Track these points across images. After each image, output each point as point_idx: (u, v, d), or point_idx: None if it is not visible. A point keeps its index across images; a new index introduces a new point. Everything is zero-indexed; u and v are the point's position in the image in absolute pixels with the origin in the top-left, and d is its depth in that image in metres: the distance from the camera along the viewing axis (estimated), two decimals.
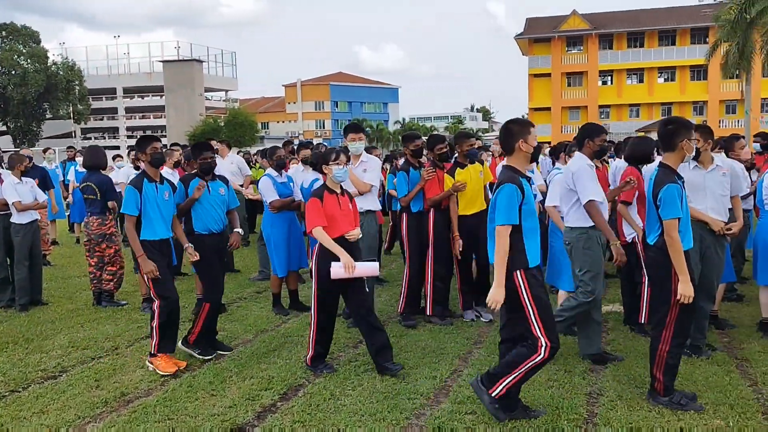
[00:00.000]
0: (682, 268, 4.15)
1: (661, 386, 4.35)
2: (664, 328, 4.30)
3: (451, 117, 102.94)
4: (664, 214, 4.16)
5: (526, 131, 4.07)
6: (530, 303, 4.00)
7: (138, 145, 5.65)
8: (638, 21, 51.81)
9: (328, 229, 5.00)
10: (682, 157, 4.32)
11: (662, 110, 51.29)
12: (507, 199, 3.94)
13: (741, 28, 28.34)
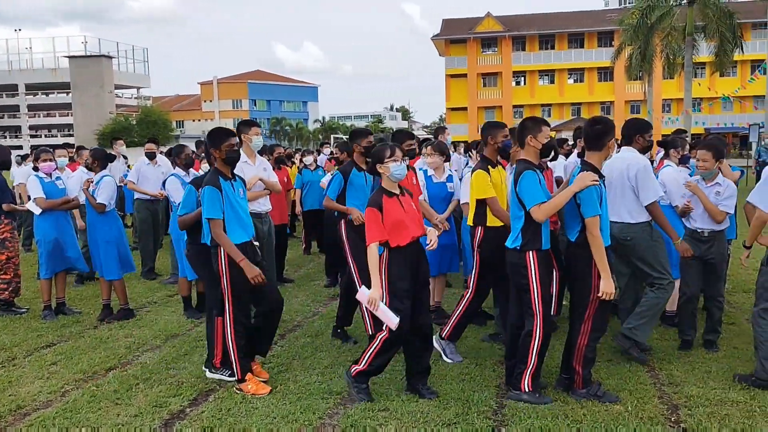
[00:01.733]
0: (603, 265, 4.25)
1: (580, 379, 4.46)
2: (583, 322, 4.41)
3: (372, 116, 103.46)
4: (585, 212, 4.24)
5: (537, 128, 4.44)
6: (536, 283, 4.35)
7: (211, 140, 4.75)
8: (549, 24, 53.69)
9: (396, 237, 4.36)
10: (606, 156, 4.46)
11: (572, 110, 53.40)
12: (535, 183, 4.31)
13: (642, 33, 29.82)
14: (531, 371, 4.43)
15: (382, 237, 4.34)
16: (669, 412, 4.25)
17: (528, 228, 4.36)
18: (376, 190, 4.56)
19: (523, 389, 4.43)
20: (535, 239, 4.36)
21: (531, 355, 4.42)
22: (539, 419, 4.14)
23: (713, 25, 28.08)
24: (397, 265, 4.38)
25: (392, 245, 4.39)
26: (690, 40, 29.27)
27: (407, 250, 4.40)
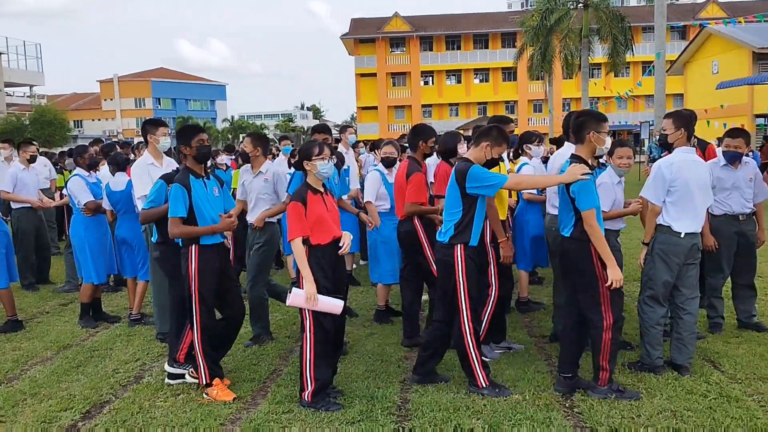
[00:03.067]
0: (607, 255, 4.22)
1: (607, 375, 4.36)
2: (603, 318, 4.29)
3: (282, 115, 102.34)
4: (582, 206, 4.20)
5: None
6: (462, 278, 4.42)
7: (181, 137, 4.61)
8: (455, 25, 54.85)
9: (318, 234, 4.33)
10: (592, 149, 4.36)
11: (479, 109, 54.81)
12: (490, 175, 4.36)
13: (542, 34, 31.07)
14: (479, 366, 4.47)
15: (304, 232, 4.28)
16: (564, 398, 4.42)
17: (461, 222, 4.42)
18: (300, 184, 4.50)
19: (480, 385, 4.47)
20: (465, 233, 4.43)
21: (469, 350, 4.46)
22: (441, 412, 4.21)
23: (606, 28, 29.63)
24: (317, 263, 4.33)
25: (313, 243, 4.33)
26: (586, 41, 30.75)
27: (327, 249, 4.36)
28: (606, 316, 4.31)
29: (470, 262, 4.46)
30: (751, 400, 4.26)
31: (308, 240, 4.32)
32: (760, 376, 4.69)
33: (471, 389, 4.51)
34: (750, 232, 5.69)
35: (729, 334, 5.68)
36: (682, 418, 4.02)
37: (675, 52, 39.70)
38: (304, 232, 4.28)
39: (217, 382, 4.60)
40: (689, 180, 4.72)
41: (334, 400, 4.36)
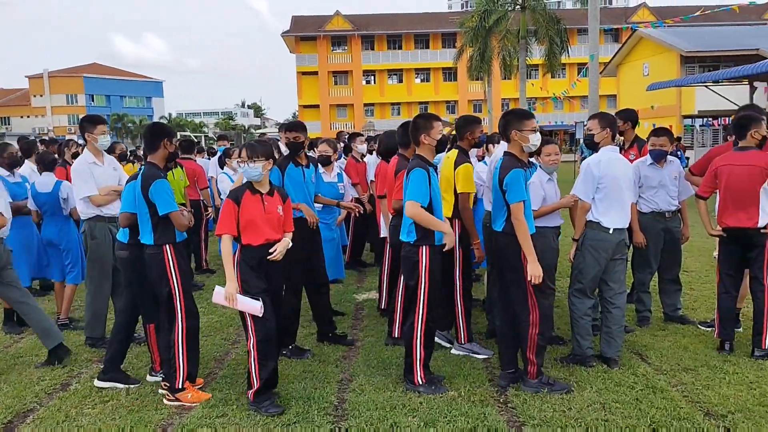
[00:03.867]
0: (529, 250, 4.31)
1: (534, 369, 4.47)
2: (530, 312, 4.41)
3: (222, 113, 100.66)
4: (511, 198, 4.31)
5: (429, 125, 4.53)
6: (425, 278, 4.45)
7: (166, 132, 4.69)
8: (396, 24, 55.14)
9: (248, 235, 4.26)
10: (520, 146, 4.47)
11: (420, 108, 55.13)
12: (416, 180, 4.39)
13: (481, 35, 31.54)
14: (420, 364, 4.51)
15: (230, 231, 4.24)
16: (498, 393, 4.49)
17: None
18: (243, 183, 4.43)
19: (417, 382, 4.51)
20: (428, 234, 4.46)
21: (415, 347, 4.50)
22: (378, 411, 4.21)
23: (543, 30, 30.31)
24: (246, 263, 4.29)
25: (243, 243, 4.29)
26: (523, 43, 31.36)
27: (259, 251, 4.28)
28: (533, 311, 4.42)
29: (434, 262, 4.49)
30: (675, 391, 4.43)
31: (239, 239, 4.30)
32: (683, 366, 4.88)
33: (407, 386, 4.54)
34: (675, 229, 5.92)
35: (656, 327, 5.90)
36: (611, 410, 4.14)
37: (608, 55, 41.01)
38: (231, 231, 4.25)
39: (188, 385, 4.51)
40: (616, 177, 4.87)
41: (272, 405, 4.26)
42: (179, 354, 4.47)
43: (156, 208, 4.42)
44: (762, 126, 5.10)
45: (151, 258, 4.49)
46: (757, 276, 5.07)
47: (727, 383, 4.52)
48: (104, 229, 5.67)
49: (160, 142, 4.60)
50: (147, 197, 4.43)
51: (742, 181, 5.03)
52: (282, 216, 4.41)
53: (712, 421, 3.96)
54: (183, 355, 4.48)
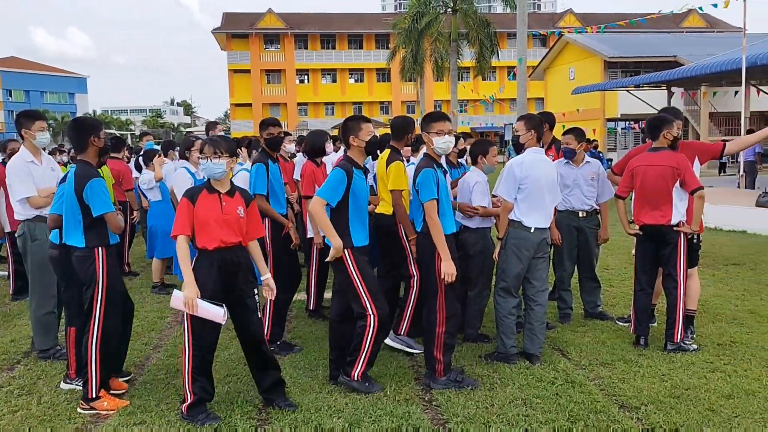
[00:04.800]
0: (443, 248, 4.37)
1: (441, 367, 4.54)
2: (437, 311, 4.49)
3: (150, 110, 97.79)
4: (422, 197, 4.41)
5: (358, 127, 4.50)
6: (357, 278, 4.39)
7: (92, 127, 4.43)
8: (330, 24, 55.01)
9: (202, 237, 4.01)
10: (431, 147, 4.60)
11: (354, 109, 55.31)
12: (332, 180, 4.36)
13: (414, 37, 31.84)
14: (365, 360, 4.48)
15: (185, 231, 4.00)
16: (423, 392, 4.52)
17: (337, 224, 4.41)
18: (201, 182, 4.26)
19: (353, 377, 4.48)
20: (345, 237, 4.41)
21: (364, 345, 4.46)
22: (302, 413, 4.16)
23: (474, 33, 30.88)
24: (201, 267, 4.04)
25: (198, 245, 4.07)
26: (455, 45, 31.85)
27: (215, 255, 4.04)
28: (440, 311, 4.50)
29: (362, 262, 4.44)
30: (593, 384, 4.58)
31: (194, 242, 4.08)
32: (601, 361, 5.04)
33: (342, 378, 4.55)
34: (589, 229, 6.11)
35: (576, 324, 6.08)
36: (531, 405, 4.23)
37: (537, 59, 42.13)
38: (185, 231, 4.00)
39: (104, 393, 4.31)
40: (538, 178, 5.00)
41: (206, 415, 4.08)
42: (92, 361, 4.24)
43: (89, 210, 4.20)
44: (674, 128, 5.33)
45: (80, 261, 4.28)
46: (671, 273, 5.29)
47: (641, 376, 4.70)
48: (46, 229, 5.12)
49: (87, 139, 4.37)
50: (81, 198, 4.21)
51: (656, 180, 5.23)
52: (243, 218, 4.13)
53: (627, 413, 4.10)
54: (96, 363, 4.24)
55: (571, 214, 6.02)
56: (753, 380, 4.55)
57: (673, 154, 5.27)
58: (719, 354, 5.12)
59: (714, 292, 7.07)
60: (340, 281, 4.60)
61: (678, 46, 33.13)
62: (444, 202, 4.55)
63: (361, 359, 4.49)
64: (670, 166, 5.20)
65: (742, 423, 3.90)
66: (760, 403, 4.16)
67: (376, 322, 4.44)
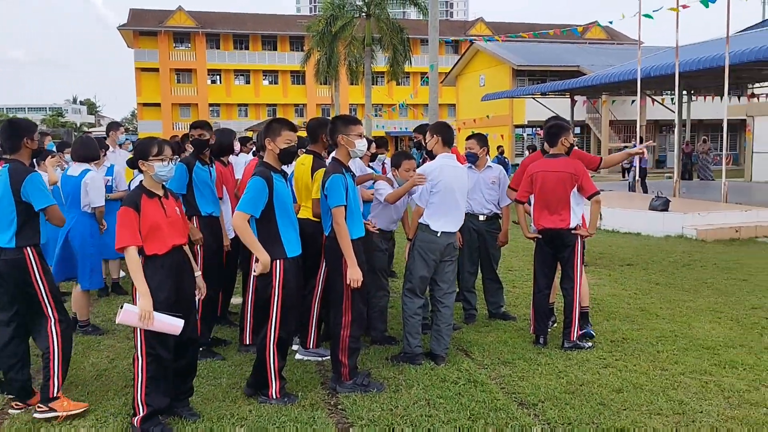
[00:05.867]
0: (349, 253, 4.37)
1: (347, 371, 4.52)
2: (343, 314, 4.49)
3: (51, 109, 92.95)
4: (331, 202, 4.38)
5: (278, 132, 4.34)
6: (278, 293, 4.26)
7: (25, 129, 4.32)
8: (243, 24, 54.06)
9: (153, 243, 3.87)
10: (346, 151, 4.56)
11: (268, 111, 54.59)
12: (252, 190, 4.16)
13: (328, 40, 31.82)
14: (275, 376, 4.34)
15: (135, 241, 3.82)
16: (329, 396, 4.52)
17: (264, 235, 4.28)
18: (135, 187, 4.10)
19: (272, 395, 4.35)
20: (278, 248, 4.27)
21: (268, 359, 4.31)
22: (204, 422, 4.07)
23: (387, 38, 31.19)
24: (153, 275, 3.88)
25: (148, 253, 3.89)
26: (369, 50, 32.07)
27: (166, 259, 3.94)
28: (345, 314, 4.52)
29: (289, 273, 4.30)
30: (494, 383, 4.71)
31: (142, 250, 3.89)
32: (503, 360, 5.20)
33: (261, 399, 4.39)
34: (489, 232, 6.30)
35: (480, 324, 6.25)
36: (435, 406, 4.31)
37: (449, 65, 43.09)
38: (136, 241, 3.82)
39: (61, 395, 4.16)
40: (449, 183, 5.10)
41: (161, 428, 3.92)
42: (53, 361, 4.16)
43: (25, 206, 4.08)
44: (570, 135, 5.58)
45: (10, 264, 4.07)
46: (569, 274, 5.53)
47: (539, 374, 4.88)
48: None
49: (20, 141, 4.24)
50: (18, 195, 4.08)
51: (555, 186, 5.45)
52: (181, 218, 4.11)
53: (525, 410, 4.24)
54: (59, 362, 4.19)
55: (472, 217, 6.19)
56: (641, 374, 4.82)
57: (571, 161, 5.51)
58: (612, 350, 5.40)
59: (609, 292, 7.45)
60: (260, 289, 4.40)
61: (581, 57, 34.78)
62: (353, 207, 4.55)
63: (272, 375, 4.36)
64: (568, 172, 5.42)
65: (630, 415, 4.12)
66: (647, 396, 4.41)
67: (276, 336, 4.32)
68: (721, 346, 5.43)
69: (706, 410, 4.17)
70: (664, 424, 4.00)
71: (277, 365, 4.35)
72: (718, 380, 4.68)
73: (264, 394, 4.40)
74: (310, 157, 5.25)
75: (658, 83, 20.66)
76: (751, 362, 5.03)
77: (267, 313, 4.32)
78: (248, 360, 5.00)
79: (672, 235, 11.63)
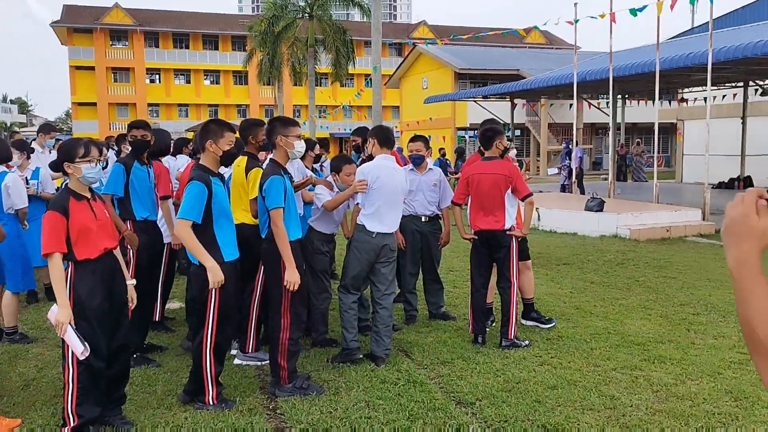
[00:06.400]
0: (287, 256, 4.34)
1: (286, 374, 4.48)
2: (282, 317, 4.47)
3: None
4: (269, 204, 4.33)
5: (221, 133, 4.24)
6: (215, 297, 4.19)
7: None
8: (183, 22, 52.94)
9: (84, 248, 3.71)
10: (285, 152, 4.54)
11: (210, 112, 53.64)
12: (192, 196, 4.06)
13: (270, 40, 31.52)
14: (212, 382, 4.25)
15: (61, 248, 3.64)
16: (268, 401, 4.47)
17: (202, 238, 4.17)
18: (61, 190, 3.91)
19: (209, 402, 4.25)
20: (215, 253, 4.18)
21: (205, 364, 4.23)
22: (138, 431, 3.97)
23: (330, 39, 31.12)
24: (84, 281, 3.73)
25: (79, 258, 3.72)
26: (312, 51, 31.91)
27: (98, 264, 3.79)
28: (284, 317, 4.49)
29: (226, 278, 4.20)
30: (433, 383, 4.76)
31: (72, 256, 3.72)
32: (442, 360, 5.26)
33: (197, 405, 4.29)
34: (431, 232, 6.38)
35: (421, 325, 6.30)
36: (374, 407, 4.32)
37: (393, 67, 43.29)
38: (61, 248, 3.65)
39: None
40: (386, 184, 5.12)
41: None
42: None
43: None
44: (504, 138, 5.69)
45: None
46: (505, 274, 5.64)
47: (477, 373, 4.95)
48: None
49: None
50: None
51: (490, 188, 5.55)
52: (113, 221, 4.04)
53: (462, 409, 4.30)
54: None
55: (414, 218, 6.25)
56: (575, 371, 4.96)
57: (505, 163, 5.63)
58: (548, 348, 5.53)
59: (546, 291, 7.63)
60: (197, 293, 4.32)
61: (521, 61, 35.51)
62: (291, 209, 4.52)
63: (209, 382, 4.27)
64: (503, 174, 5.53)
65: (564, 411, 4.23)
66: (580, 392, 4.54)
67: (212, 341, 4.25)
68: (651, 342, 5.63)
69: (635, 404, 4.32)
70: (595, 419, 4.12)
71: (213, 371, 4.27)
72: (648, 375, 4.85)
73: (200, 401, 4.31)
74: (245, 158, 5.19)
75: (594, 87, 21.27)
76: (678, 357, 5.24)
77: (203, 318, 4.24)
78: (185, 366, 4.90)
79: (607, 234, 12.00)
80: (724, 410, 4.20)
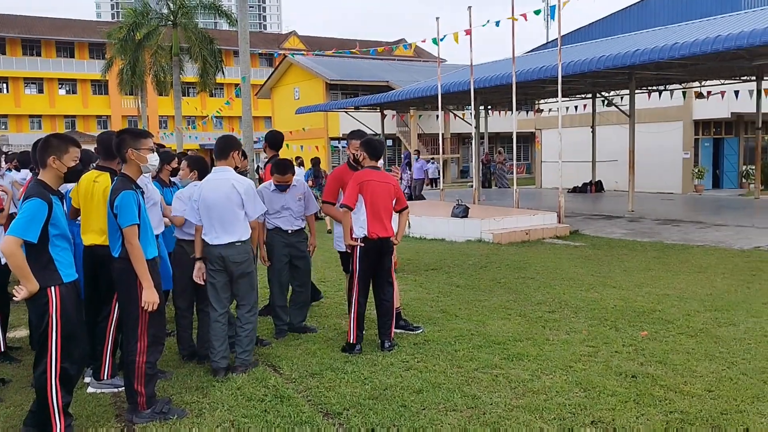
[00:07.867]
0: (144, 275, 4.15)
1: (144, 399, 4.26)
2: (138, 340, 4.24)
3: None
4: (122, 222, 4.10)
5: (65, 149, 3.98)
6: (56, 321, 3.87)
7: None
8: (34, 28, 49.31)
9: None
10: (137, 166, 4.32)
11: (66, 123, 50.25)
12: (30, 213, 3.75)
13: (131, 48, 30.11)
14: (59, 415, 3.91)
15: None
16: (125, 429, 4.22)
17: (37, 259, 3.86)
18: None
19: None
20: (54, 274, 3.88)
21: (50, 397, 3.90)
22: None
23: (196, 48, 30.22)
24: None
25: None
26: (176, 60, 30.83)
27: None
28: (141, 340, 4.29)
29: (67, 300, 3.91)
30: (301, 397, 4.70)
31: None
32: (311, 372, 5.22)
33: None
34: (299, 243, 6.34)
35: (291, 338, 6.22)
36: (239, 427, 4.20)
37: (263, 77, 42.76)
38: None
39: None
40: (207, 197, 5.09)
41: None
42: None
43: None
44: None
45: None
46: (388, 280, 5.82)
47: (346, 382, 4.96)
48: None
49: None
50: None
51: (384, 197, 5.75)
52: None
53: (330, 420, 4.28)
54: None
55: (282, 232, 6.22)
56: (440, 374, 5.09)
57: (389, 175, 6.01)
58: (414, 353, 5.64)
59: (414, 296, 7.81)
60: (35, 319, 3.99)
61: (390, 73, 36.37)
62: (146, 225, 4.31)
63: (55, 417, 3.91)
64: (392, 184, 5.85)
65: (428, 414, 4.32)
66: (444, 394, 4.66)
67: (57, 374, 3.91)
68: (510, 341, 5.91)
69: (495, 402, 4.51)
70: (458, 419, 4.25)
71: (60, 401, 3.93)
72: (507, 372, 5.08)
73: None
74: (107, 174, 4.87)
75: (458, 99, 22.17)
76: (534, 353, 5.53)
77: (45, 344, 3.91)
78: (31, 400, 4.51)
79: (472, 239, 12.50)
80: (574, 401, 4.48)
